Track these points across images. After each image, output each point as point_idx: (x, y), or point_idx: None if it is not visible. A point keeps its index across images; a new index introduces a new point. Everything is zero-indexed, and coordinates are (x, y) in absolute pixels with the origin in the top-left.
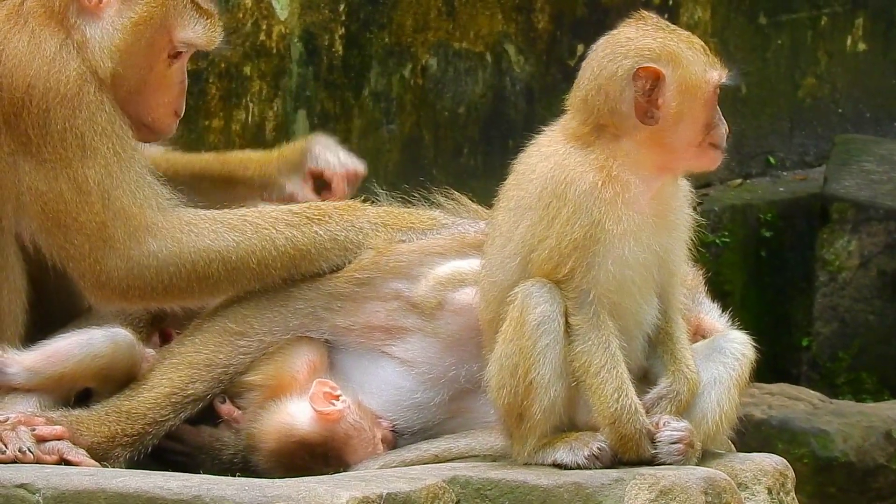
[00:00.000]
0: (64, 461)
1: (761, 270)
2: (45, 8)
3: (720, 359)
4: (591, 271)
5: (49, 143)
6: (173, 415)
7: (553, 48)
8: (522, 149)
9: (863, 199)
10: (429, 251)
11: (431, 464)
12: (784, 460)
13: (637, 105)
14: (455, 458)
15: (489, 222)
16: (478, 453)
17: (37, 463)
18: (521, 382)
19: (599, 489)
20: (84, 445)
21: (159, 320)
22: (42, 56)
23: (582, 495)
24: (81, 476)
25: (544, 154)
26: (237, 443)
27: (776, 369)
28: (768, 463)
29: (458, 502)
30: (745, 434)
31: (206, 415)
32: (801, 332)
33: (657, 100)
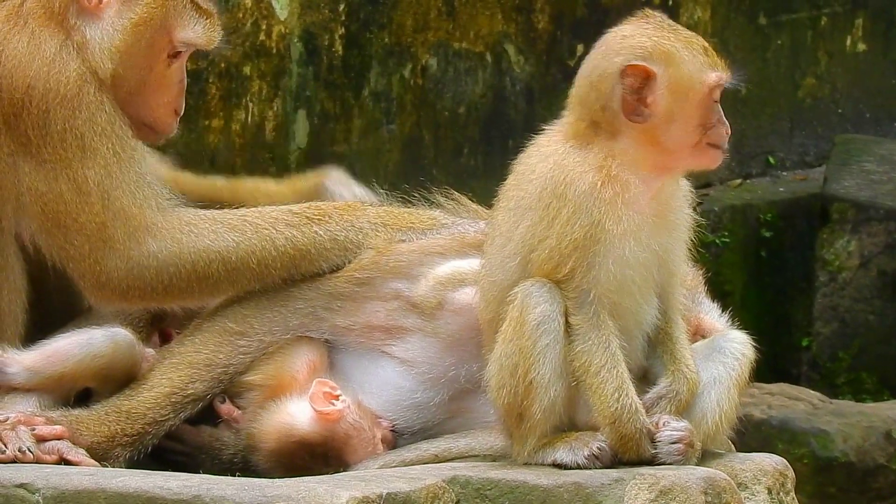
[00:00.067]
0: (64, 461)
1: (761, 270)
2: (45, 9)
3: (720, 359)
4: (592, 271)
5: (49, 143)
6: (173, 414)
7: (553, 48)
8: (522, 149)
9: (863, 200)
10: (429, 251)
11: (431, 464)
12: (784, 460)
13: (624, 102)
14: (455, 457)
15: (489, 222)
16: (478, 453)
17: (36, 462)
18: (521, 382)
19: (599, 489)
20: (84, 445)
21: (159, 320)
22: (42, 57)
23: (582, 495)
24: (81, 476)
25: (544, 154)
26: (237, 442)
27: (776, 369)
28: (768, 463)
29: (457, 502)
30: (745, 434)
31: (206, 414)
32: (801, 332)
33: (647, 98)
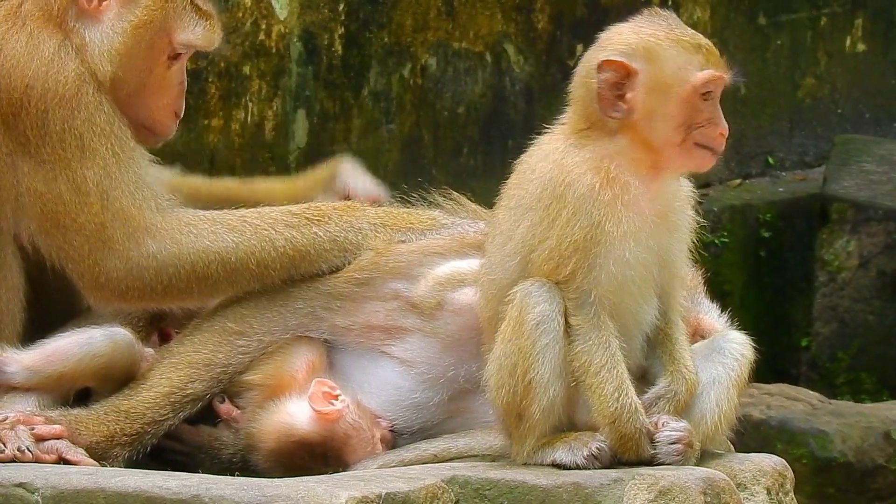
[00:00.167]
0: (63, 460)
1: (761, 271)
2: (44, 10)
3: (719, 359)
4: (592, 272)
5: (48, 143)
6: (172, 414)
7: (553, 48)
8: (522, 149)
9: (862, 200)
10: (428, 251)
11: (430, 463)
12: (783, 461)
13: (600, 97)
14: (454, 457)
15: (491, 220)
16: (477, 453)
17: (35, 462)
18: (520, 382)
19: (598, 489)
20: (83, 444)
21: (158, 320)
22: (40, 57)
23: (581, 495)
24: (80, 475)
25: (544, 153)
26: (236, 442)
27: (775, 369)
28: (767, 463)
29: (456, 502)
30: (744, 434)
31: (206, 414)
32: (800, 332)
33: (626, 94)
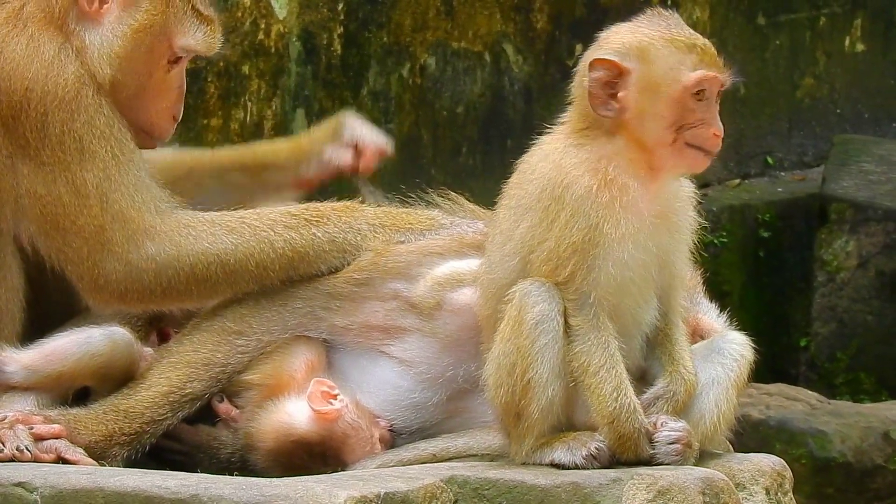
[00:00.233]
0: (62, 460)
1: (760, 271)
2: (45, 13)
3: (719, 360)
4: (591, 274)
5: (47, 146)
6: (171, 414)
7: (552, 48)
8: (521, 148)
9: (861, 200)
10: (427, 251)
11: (429, 463)
12: (782, 461)
13: (591, 95)
14: (453, 457)
15: (491, 219)
16: (475, 453)
17: (34, 461)
18: (519, 381)
19: (597, 489)
20: (82, 444)
21: (157, 319)
22: (40, 59)
23: (580, 495)
24: (79, 475)
25: (545, 153)
26: (235, 442)
27: (774, 369)
28: (766, 463)
29: (455, 502)
30: (743, 434)
31: (204, 414)
32: (799, 332)
33: (617, 93)
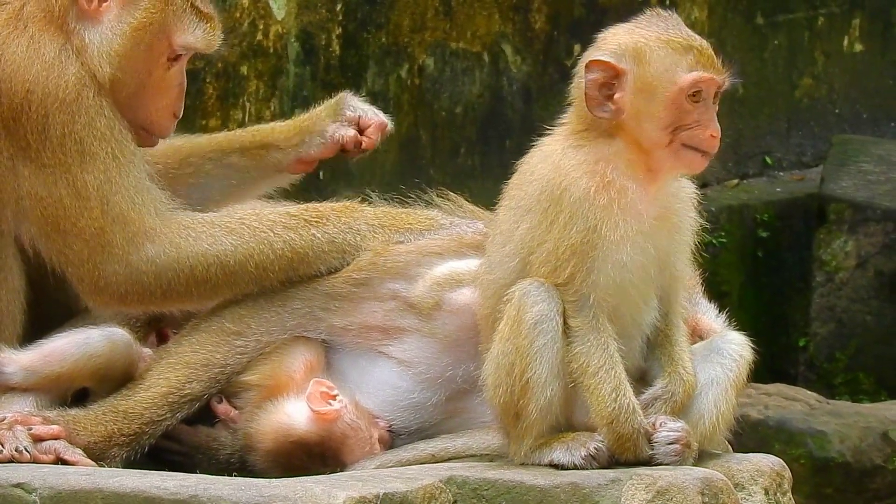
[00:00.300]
0: (60, 461)
1: (758, 271)
2: (45, 13)
3: (718, 360)
4: (591, 276)
5: (48, 147)
6: (170, 414)
7: (550, 48)
8: (519, 149)
9: (860, 200)
10: (426, 252)
11: (428, 464)
12: (781, 461)
13: (587, 96)
14: (452, 457)
15: (492, 219)
16: (474, 453)
17: (33, 462)
18: (518, 381)
19: (596, 489)
20: (81, 445)
21: (156, 320)
22: (41, 61)
23: (579, 495)
24: (78, 475)
25: (544, 154)
26: (234, 442)
27: (773, 370)
28: (765, 463)
29: (454, 502)
30: (742, 434)
31: (203, 414)
32: (798, 332)
33: (615, 94)
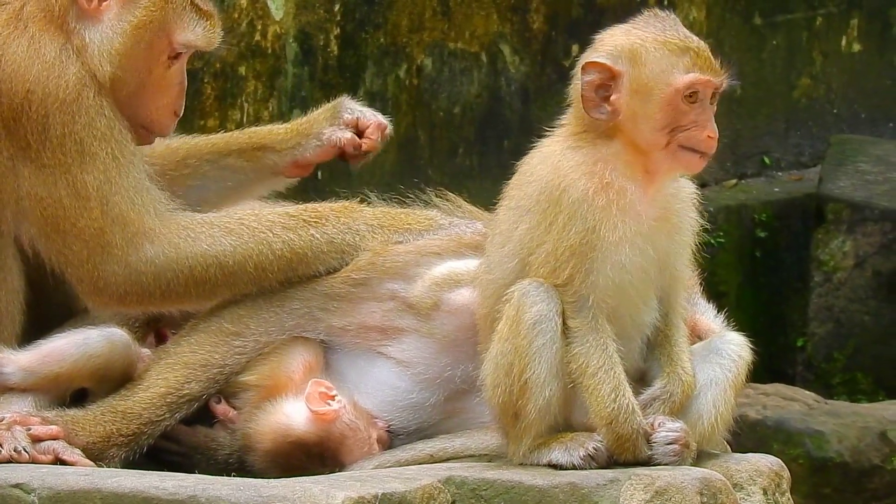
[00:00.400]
0: (59, 461)
1: (756, 271)
2: (45, 12)
3: (717, 360)
4: (590, 277)
5: (48, 148)
6: (169, 415)
7: (548, 48)
8: (518, 149)
9: (858, 200)
10: (425, 252)
11: (427, 464)
12: (779, 461)
13: (584, 98)
14: (450, 458)
15: (492, 219)
16: (473, 453)
17: (32, 463)
18: (517, 381)
19: (595, 489)
20: (79, 445)
21: (155, 320)
22: (41, 61)
23: (577, 496)
24: (77, 476)
25: (543, 155)
26: (233, 443)
27: (771, 370)
28: (764, 463)
29: (453, 502)
30: (740, 435)
31: (202, 415)
32: (796, 332)
33: (611, 96)
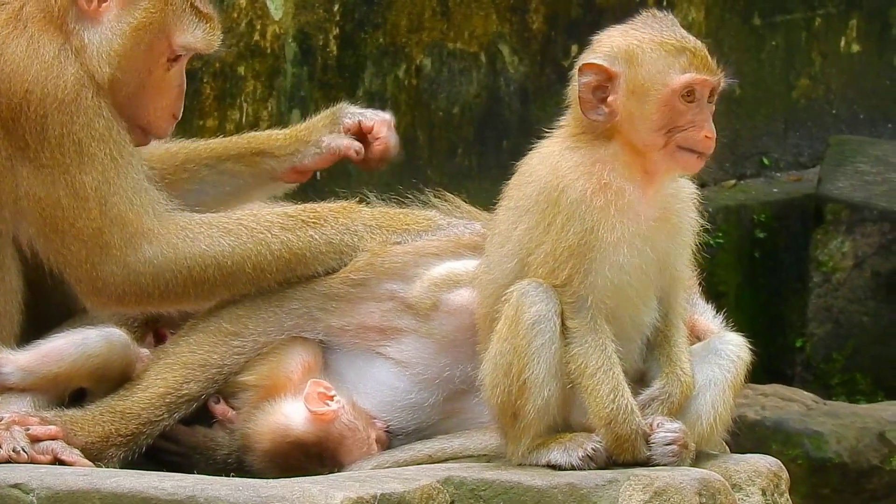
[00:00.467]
0: (58, 461)
1: (755, 271)
2: (45, 13)
3: (715, 360)
4: (588, 277)
5: (47, 148)
6: (167, 415)
7: (547, 49)
8: (517, 149)
9: (857, 200)
10: (424, 252)
11: (425, 464)
12: (778, 461)
13: (581, 99)
14: (449, 458)
15: (490, 219)
16: (472, 453)
17: (31, 463)
18: (515, 382)
19: (594, 490)
20: (78, 445)
21: (154, 320)
22: (40, 61)
23: (576, 496)
24: (75, 476)
25: (542, 156)
26: (231, 443)
27: (770, 370)
28: (762, 464)
29: (452, 503)
30: (739, 435)
31: (201, 415)
32: (795, 332)
33: (608, 97)
